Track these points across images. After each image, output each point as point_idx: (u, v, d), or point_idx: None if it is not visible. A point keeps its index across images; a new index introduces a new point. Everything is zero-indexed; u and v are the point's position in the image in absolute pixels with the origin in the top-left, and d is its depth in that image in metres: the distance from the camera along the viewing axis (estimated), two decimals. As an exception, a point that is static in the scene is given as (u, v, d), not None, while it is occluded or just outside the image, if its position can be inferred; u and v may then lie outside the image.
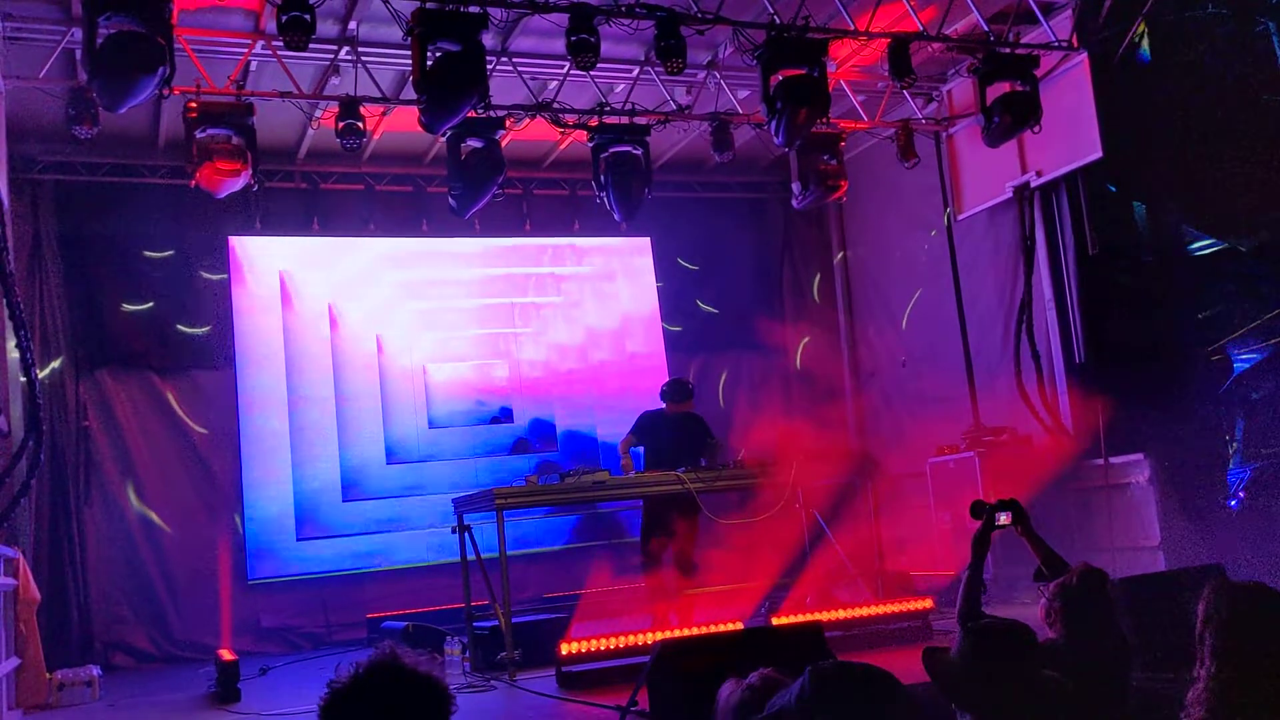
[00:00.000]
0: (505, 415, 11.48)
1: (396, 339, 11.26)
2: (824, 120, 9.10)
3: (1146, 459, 8.70)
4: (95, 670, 8.05)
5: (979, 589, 4.06)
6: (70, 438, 9.92)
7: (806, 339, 12.67)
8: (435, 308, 11.48)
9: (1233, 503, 8.65)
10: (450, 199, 9.18)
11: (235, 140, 8.24)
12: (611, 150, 9.28)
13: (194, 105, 8.14)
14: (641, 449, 8.74)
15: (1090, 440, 9.10)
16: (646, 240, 12.36)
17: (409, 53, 7.89)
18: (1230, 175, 8.57)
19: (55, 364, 9.91)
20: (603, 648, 6.88)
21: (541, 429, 11.61)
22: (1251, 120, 8.56)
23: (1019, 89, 9.10)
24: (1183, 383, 8.60)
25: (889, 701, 2.07)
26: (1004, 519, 4.41)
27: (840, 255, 12.75)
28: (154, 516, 10.14)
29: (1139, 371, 8.62)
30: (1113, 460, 8.95)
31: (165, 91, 7.30)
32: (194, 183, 8.32)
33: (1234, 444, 8.93)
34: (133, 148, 10.28)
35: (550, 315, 11.93)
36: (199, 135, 8.18)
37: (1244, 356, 8.87)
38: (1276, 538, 7.85)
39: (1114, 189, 9.33)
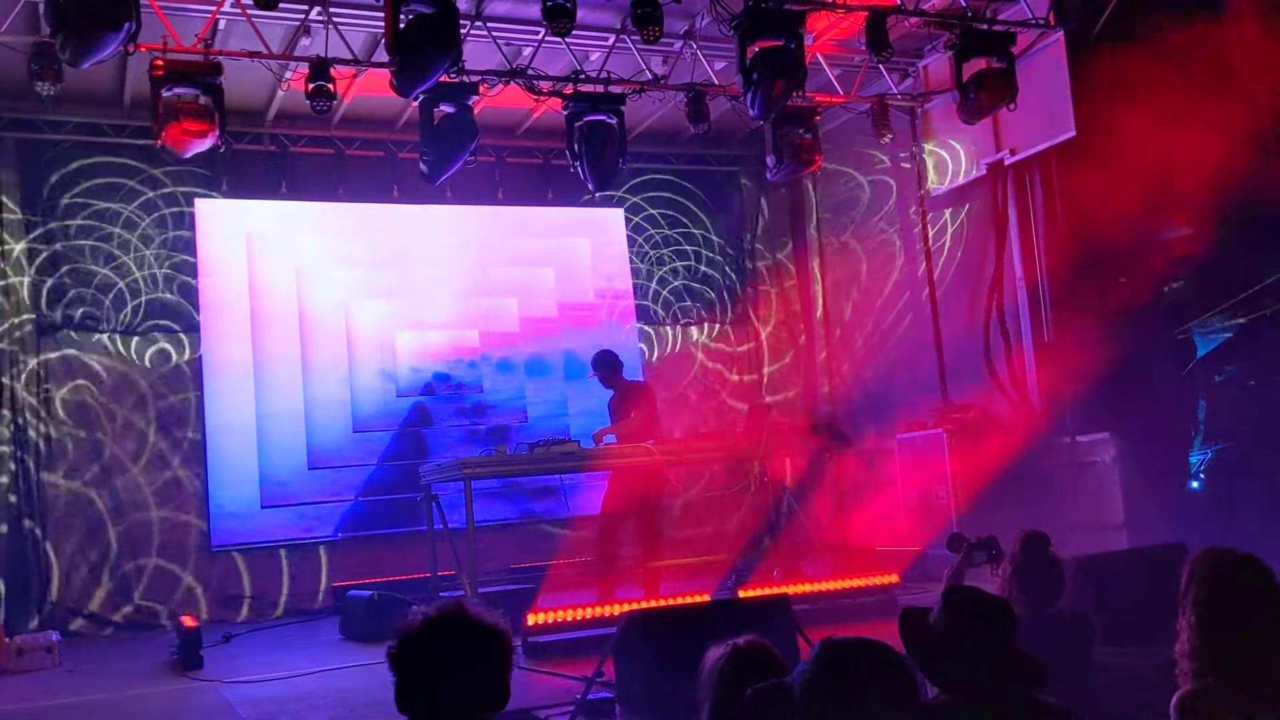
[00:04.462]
0: (475, 385, 11.39)
1: (364, 306, 11.15)
2: (799, 93, 9.06)
3: (1112, 438, 8.76)
4: (55, 636, 7.98)
5: None
6: (32, 399, 9.76)
7: (779, 312, 12.67)
8: (405, 275, 11.36)
9: (1195, 484, 8.74)
10: (422, 165, 9.07)
11: (202, 100, 8.09)
12: (586, 119, 9.19)
13: (160, 63, 7.97)
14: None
15: (1057, 418, 9.16)
16: (619, 211, 12.30)
17: (381, 14, 7.76)
18: (1201, 158, 8.61)
19: (17, 320, 9.74)
20: (569, 619, 6.89)
21: (511, 398, 11.55)
22: (1223, 104, 8.59)
23: (995, 66, 9.08)
24: (1149, 363, 8.66)
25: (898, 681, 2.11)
26: (981, 558, 4.48)
27: (814, 229, 12.74)
28: (116, 481, 10.01)
29: (1107, 351, 8.66)
30: (1079, 438, 9.01)
31: (130, 48, 7.14)
32: (160, 142, 8.18)
33: (1197, 426, 9.02)
34: (98, 106, 10.09)
35: (521, 284, 11.84)
36: (165, 94, 8.02)
37: (1208, 338, 8.95)
38: (1238, 520, 7.94)
39: (1085, 169, 9.35)
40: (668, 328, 12.24)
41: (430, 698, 2.25)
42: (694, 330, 12.34)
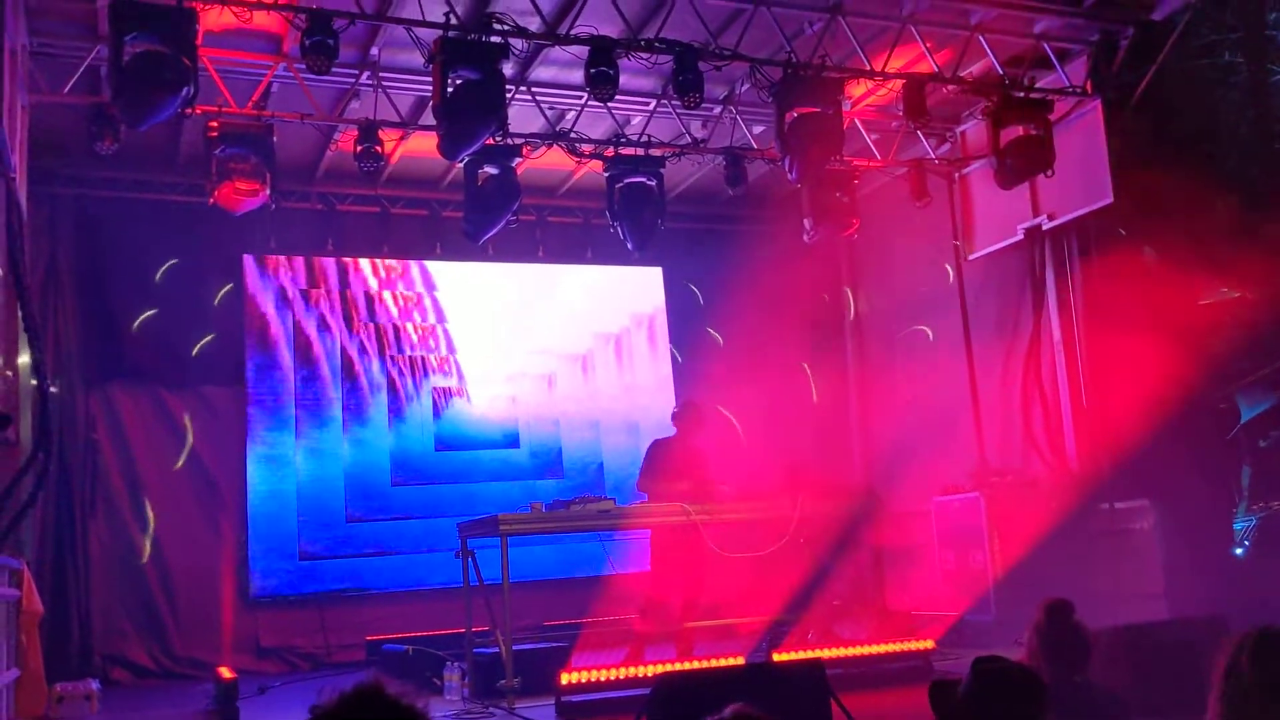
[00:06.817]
0: (512, 441, 11.52)
1: (406, 361, 11.33)
2: (837, 158, 9.16)
3: (1152, 505, 8.68)
4: (94, 684, 8.05)
5: None
6: (78, 451, 9.94)
7: (814, 373, 12.69)
8: (446, 330, 11.55)
9: (1238, 551, 8.63)
10: (465, 224, 9.24)
11: (254, 160, 8.33)
12: (626, 181, 9.34)
13: (215, 125, 8.23)
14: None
15: (1095, 485, 9.09)
16: (658, 270, 12.44)
17: (428, 78, 7.99)
18: (1240, 223, 8.61)
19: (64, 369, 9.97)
20: (603, 678, 6.87)
21: (547, 455, 11.63)
22: (1263, 169, 8.60)
23: (1032, 133, 9.16)
24: (1189, 430, 8.59)
25: None
26: None
27: (850, 291, 12.79)
28: (157, 530, 10.15)
29: (1146, 417, 8.61)
30: (1117, 505, 8.93)
31: (187, 111, 7.39)
32: (212, 201, 8.41)
33: (1240, 492, 8.92)
34: (151, 163, 10.32)
35: (560, 341, 11.98)
36: (218, 154, 8.26)
37: (1252, 404, 8.88)
38: (1281, 588, 7.81)
39: (1124, 233, 9.37)
40: (705, 386, 12.26)
41: None
42: (730, 389, 12.35)
